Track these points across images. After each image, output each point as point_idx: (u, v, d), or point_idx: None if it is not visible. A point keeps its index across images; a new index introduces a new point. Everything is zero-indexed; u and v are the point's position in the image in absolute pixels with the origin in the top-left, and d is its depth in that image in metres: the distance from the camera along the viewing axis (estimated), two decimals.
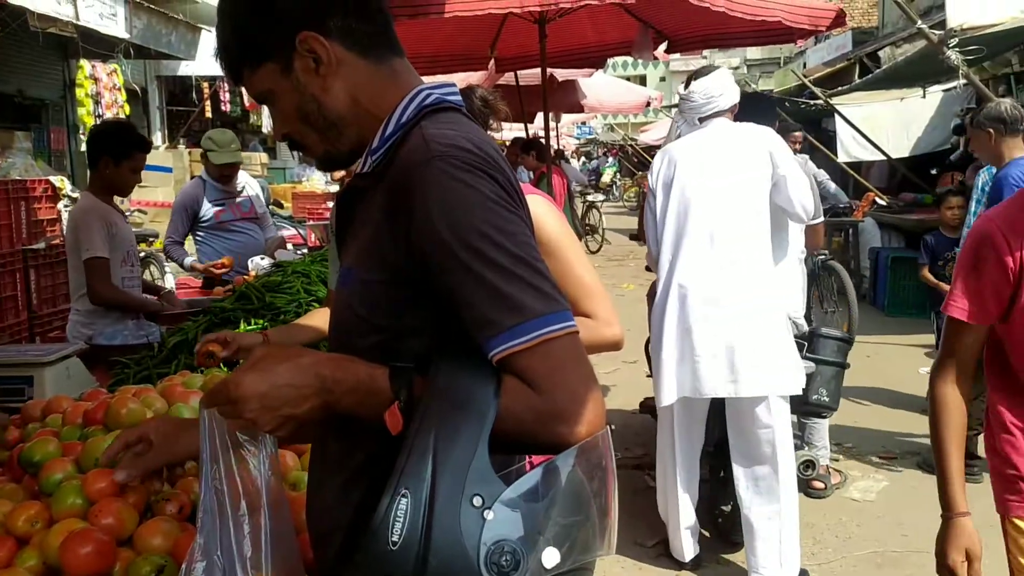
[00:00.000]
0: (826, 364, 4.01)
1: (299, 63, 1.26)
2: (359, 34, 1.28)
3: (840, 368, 4.08)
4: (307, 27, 1.24)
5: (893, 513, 4.28)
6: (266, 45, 1.27)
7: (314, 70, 1.26)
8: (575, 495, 1.08)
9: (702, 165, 3.60)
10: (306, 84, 1.27)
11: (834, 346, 4.05)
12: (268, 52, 1.27)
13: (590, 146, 41.88)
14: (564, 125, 17.89)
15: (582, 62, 7.47)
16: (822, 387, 4.00)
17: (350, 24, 1.27)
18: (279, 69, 1.27)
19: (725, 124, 3.70)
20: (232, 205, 5.12)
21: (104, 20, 11.21)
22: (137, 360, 2.89)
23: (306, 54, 1.25)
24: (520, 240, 1.15)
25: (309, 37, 1.24)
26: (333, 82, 1.27)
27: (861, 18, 23.37)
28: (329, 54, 1.25)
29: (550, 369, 1.10)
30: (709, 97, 3.69)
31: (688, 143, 3.71)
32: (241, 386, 1.13)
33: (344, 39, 1.27)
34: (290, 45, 1.25)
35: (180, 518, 1.64)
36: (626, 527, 4.12)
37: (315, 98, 1.28)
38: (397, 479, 1.05)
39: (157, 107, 16.19)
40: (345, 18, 1.26)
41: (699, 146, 3.66)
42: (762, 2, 4.73)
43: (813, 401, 4.02)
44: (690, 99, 3.76)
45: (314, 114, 1.29)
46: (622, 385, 6.48)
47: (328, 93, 1.27)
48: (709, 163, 3.59)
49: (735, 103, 3.73)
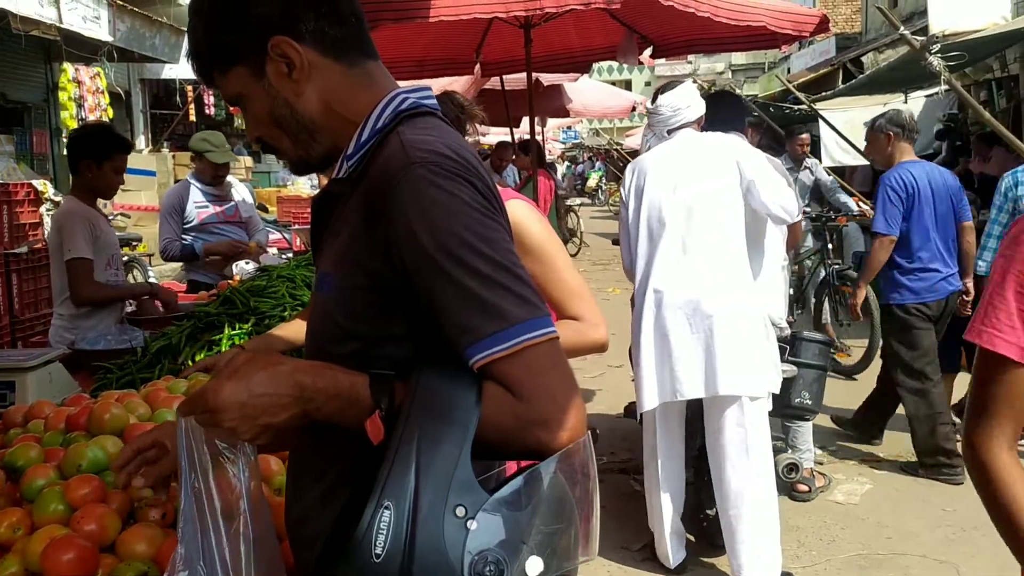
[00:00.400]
0: (808, 367, 4.05)
1: (271, 67, 1.25)
2: (332, 38, 1.26)
3: (822, 371, 4.12)
4: (279, 31, 1.23)
5: (877, 516, 4.30)
6: (237, 49, 1.25)
7: (286, 75, 1.25)
8: (558, 502, 1.08)
9: (670, 175, 3.68)
10: (279, 89, 1.26)
11: (816, 349, 4.09)
12: (239, 56, 1.26)
13: (576, 150, 41.94)
14: (550, 129, 17.90)
15: (567, 67, 7.47)
16: (804, 390, 4.04)
17: (323, 28, 1.25)
18: (251, 73, 1.26)
19: (692, 135, 3.80)
20: (217, 208, 5.13)
21: (87, 23, 11.15)
22: (120, 365, 2.86)
23: (278, 59, 1.24)
24: (500, 246, 1.14)
25: (281, 42, 1.23)
26: (306, 87, 1.26)
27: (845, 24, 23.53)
28: (302, 59, 1.24)
29: (531, 376, 1.10)
30: (675, 110, 3.81)
31: (657, 154, 3.81)
32: (219, 395, 1.12)
33: (317, 43, 1.25)
34: (262, 50, 1.24)
35: (164, 524, 1.63)
36: (612, 531, 4.13)
37: (288, 103, 1.26)
38: (380, 491, 1.04)
39: (141, 110, 16.11)
40: (318, 22, 1.25)
41: (668, 157, 3.75)
42: (746, 8, 4.75)
43: (796, 404, 4.06)
44: (658, 112, 3.87)
45: (286, 119, 1.28)
46: (608, 389, 6.49)
47: (301, 98, 1.26)
48: (677, 173, 3.67)
49: (701, 115, 3.85)
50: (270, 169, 15.67)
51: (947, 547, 3.94)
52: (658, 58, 6.76)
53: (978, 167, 9.81)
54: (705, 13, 4.57)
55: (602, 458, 5.08)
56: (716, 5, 4.60)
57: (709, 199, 3.60)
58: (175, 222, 5.05)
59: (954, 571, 3.73)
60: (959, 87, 6.40)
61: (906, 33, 6.38)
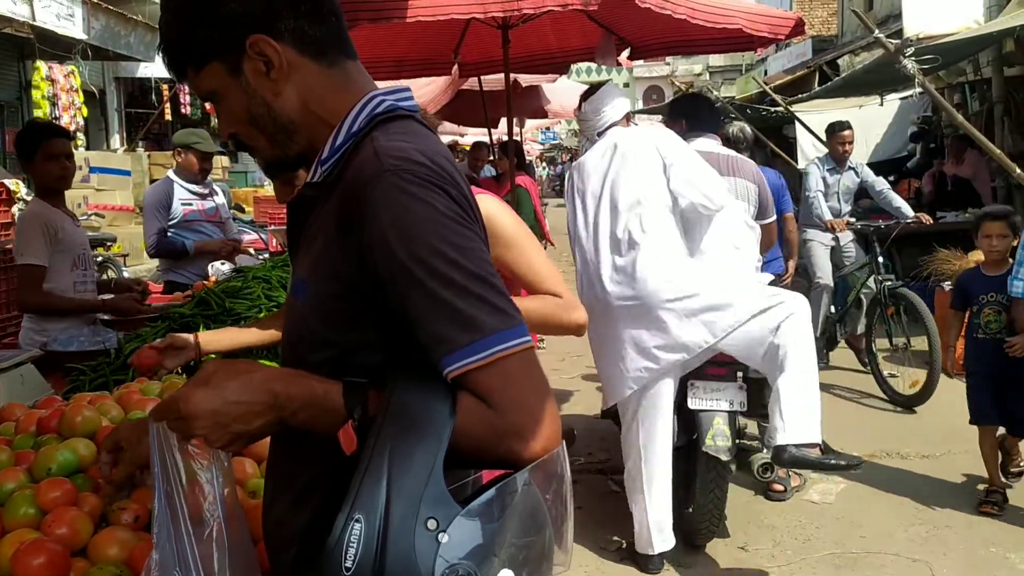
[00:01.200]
0: None
1: (248, 66, 1.23)
2: (311, 37, 1.25)
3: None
4: (258, 30, 1.21)
5: (851, 515, 4.34)
6: (213, 46, 1.23)
7: (264, 74, 1.23)
8: (531, 514, 1.08)
9: (603, 173, 3.81)
10: (256, 87, 1.24)
11: None
12: (214, 53, 1.23)
13: (554, 151, 42.02)
14: (528, 130, 17.92)
15: (546, 67, 7.48)
16: None
17: (302, 27, 1.23)
18: (227, 70, 1.24)
19: (618, 131, 3.92)
20: (200, 205, 5.13)
21: (61, 21, 11.04)
22: (93, 367, 2.83)
23: (256, 57, 1.22)
24: (474, 255, 1.13)
25: (260, 40, 1.21)
26: (284, 86, 1.24)
27: (821, 27, 23.73)
28: (281, 58, 1.22)
29: (505, 386, 1.09)
30: (598, 112, 3.97)
31: (590, 156, 3.94)
32: (191, 402, 1.11)
33: (296, 42, 1.23)
34: (239, 47, 1.22)
35: (136, 527, 1.61)
36: (590, 531, 4.14)
37: (265, 102, 1.25)
38: (351, 503, 1.04)
39: (116, 109, 15.98)
40: (297, 20, 1.23)
41: (599, 156, 3.88)
42: (723, 11, 4.78)
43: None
44: (585, 119, 4.04)
45: (263, 118, 1.26)
46: (584, 390, 6.51)
47: (279, 97, 1.24)
48: (609, 170, 3.79)
49: (626, 112, 3.99)
50: (247, 169, 15.60)
51: (920, 546, 3.98)
52: (636, 59, 6.78)
53: (951, 169, 9.94)
54: (682, 15, 4.59)
55: (579, 459, 5.10)
56: (692, 8, 4.62)
57: (640, 193, 3.71)
58: (161, 217, 5.04)
59: (927, 569, 3.76)
60: (932, 90, 6.47)
61: (881, 36, 6.46)
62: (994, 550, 3.91)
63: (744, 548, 4.01)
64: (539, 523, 1.08)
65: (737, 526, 4.20)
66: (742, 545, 4.04)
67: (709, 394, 3.77)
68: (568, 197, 3.98)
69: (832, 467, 3.75)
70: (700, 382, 3.78)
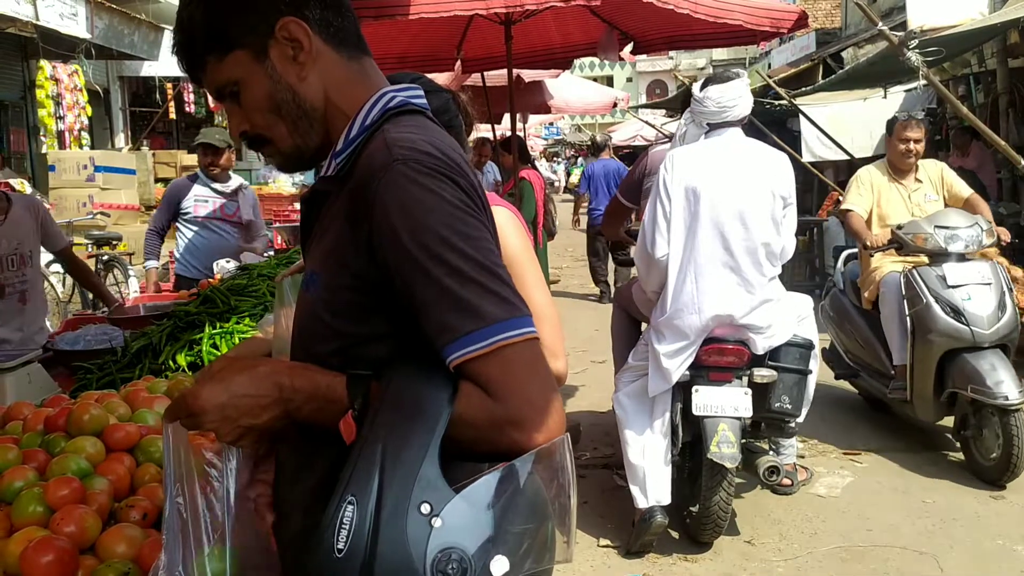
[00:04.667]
0: (788, 371, 3.89)
1: (275, 50, 1.25)
2: (334, 28, 1.27)
3: (802, 375, 3.93)
4: (288, 13, 1.23)
5: (857, 508, 4.34)
6: (240, 32, 1.24)
7: (292, 58, 1.25)
8: (529, 503, 1.07)
9: (727, 178, 3.73)
10: (282, 72, 1.25)
11: (796, 353, 3.92)
12: (241, 39, 1.25)
13: (558, 147, 41.97)
14: (531, 126, 17.92)
15: (548, 63, 7.48)
16: (784, 394, 3.89)
17: (327, 17, 1.26)
18: (251, 56, 1.25)
19: (738, 137, 3.86)
20: (217, 203, 5.21)
21: (65, 20, 11.06)
22: (100, 365, 2.85)
23: (284, 41, 1.24)
24: (481, 245, 1.14)
25: (291, 23, 1.23)
26: (310, 72, 1.26)
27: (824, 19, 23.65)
28: (311, 42, 1.25)
29: (506, 375, 1.09)
30: (722, 106, 3.79)
31: (707, 152, 3.82)
32: (200, 398, 1.13)
33: (322, 30, 1.26)
34: (268, 32, 1.24)
35: (144, 524, 1.62)
36: (594, 526, 4.14)
37: (291, 87, 1.26)
38: (344, 486, 1.04)
39: (120, 108, 15.99)
40: (323, 10, 1.26)
41: (721, 158, 3.79)
42: (724, 5, 4.77)
43: (776, 408, 3.90)
44: (703, 104, 3.83)
45: (288, 103, 1.27)
46: (591, 385, 6.51)
47: (305, 83, 1.26)
48: (733, 178, 3.73)
49: (747, 113, 3.86)
50: (251, 167, 15.57)
51: (927, 539, 3.98)
52: (639, 54, 6.77)
53: (957, 161, 9.90)
54: (684, 10, 4.59)
55: (584, 454, 5.10)
56: (695, 2, 4.61)
57: (759, 210, 3.70)
58: (165, 212, 5.25)
59: (933, 562, 3.76)
60: (937, 82, 6.44)
61: (884, 29, 6.42)
62: (1001, 542, 3.91)
63: (751, 542, 4.02)
64: (540, 513, 1.08)
65: (744, 520, 4.20)
66: (748, 539, 4.04)
67: (713, 399, 3.74)
68: (670, 186, 3.77)
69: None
70: (704, 387, 3.76)
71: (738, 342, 3.76)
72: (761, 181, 3.73)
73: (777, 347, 3.85)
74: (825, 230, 10.38)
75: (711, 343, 3.76)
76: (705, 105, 3.81)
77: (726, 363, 3.76)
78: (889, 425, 5.52)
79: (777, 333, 3.80)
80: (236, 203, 5.27)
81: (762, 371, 3.81)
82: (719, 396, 3.74)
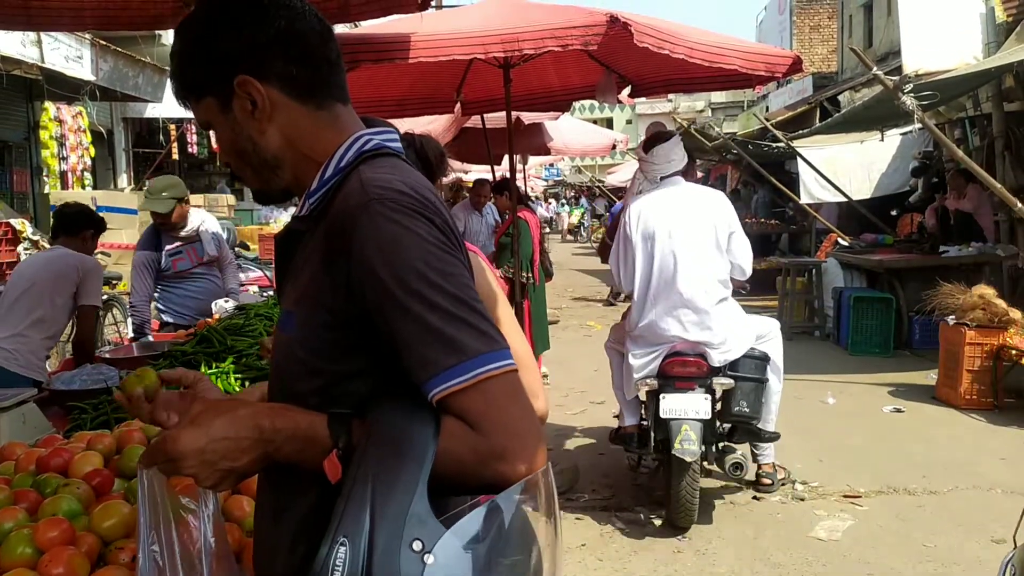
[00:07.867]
0: (745, 380, 4.54)
1: (237, 103, 1.28)
2: (300, 80, 1.29)
3: (759, 383, 4.57)
4: (245, 71, 1.26)
5: (858, 552, 4.29)
6: (207, 82, 1.29)
7: (250, 113, 1.28)
8: (518, 534, 1.08)
9: (674, 222, 4.55)
10: (243, 124, 1.29)
11: (752, 364, 4.57)
12: (208, 89, 1.29)
13: (558, 188, 42.22)
14: (532, 167, 18.02)
15: (547, 105, 7.54)
16: (742, 399, 4.54)
17: (291, 71, 1.28)
18: (219, 106, 1.30)
19: (682, 182, 4.70)
20: (189, 252, 5.07)
21: (70, 62, 11.19)
22: (95, 405, 2.84)
23: (243, 96, 1.27)
24: (458, 281, 1.16)
25: (246, 81, 1.26)
26: (268, 125, 1.29)
27: (821, 63, 23.95)
28: (264, 99, 1.27)
29: (489, 408, 1.10)
30: (668, 161, 4.63)
31: (658, 201, 4.63)
32: (179, 443, 1.13)
33: (284, 84, 1.28)
34: (229, 86, 1.27)
35: (133, 567, 1.61)
36: (592, 570, 4.10)
37: (251, 139, 1.30)
38: (336, 527, 1.04)
39: (123, 149, 16.11)
40: (287, 64, 1.28)
41: (669, 204, 4.60)
42: (719, 50, 4.82)
43: (736, 412, 4.56)
44: (652, 161, 4.65)
45: (249, 152, 1.31)
46: (588, 426, 6.48)
47: (264, 136, 1.29)
48: (674, 219, 4.55)
49: (685, 164, 4.72)
50: (253, 207, 15.66)
51: None
52: (637, 97, 6.83)
53: (953, 203, 9.96)
54: (680, 55, 4.63)
55: (583, 496, 5.06)
56: (691, 47, 4.66)
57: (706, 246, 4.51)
58: (144, 280, 4.91)
59: None
60: (932, 126, 6.51)
61: (879, 73, 6.50)
62: None
63: None
64: (527, 542, 1.09)
65: (743, 564, 4.16)
66: None
67: (677, 404, 4.40)
68: (632, 230, 4.60)
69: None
70: (670, 394, 4.42)
71: (697, 355, 4.45)
72: (704, 218, 4.54)
73: (736, 359, 4.52)
74: (824, 271, 10.41)
75: (674, 356, 4.46)
76: (655, 163, 4.63)
77: (688, 373, 4.43)
78: (889, 467, 5.49)
79: (733, 348, 4.50)
80: (201, 244, 5.11)
81: (721, 379, 4.50)
82: (682, 401, 4.40)
